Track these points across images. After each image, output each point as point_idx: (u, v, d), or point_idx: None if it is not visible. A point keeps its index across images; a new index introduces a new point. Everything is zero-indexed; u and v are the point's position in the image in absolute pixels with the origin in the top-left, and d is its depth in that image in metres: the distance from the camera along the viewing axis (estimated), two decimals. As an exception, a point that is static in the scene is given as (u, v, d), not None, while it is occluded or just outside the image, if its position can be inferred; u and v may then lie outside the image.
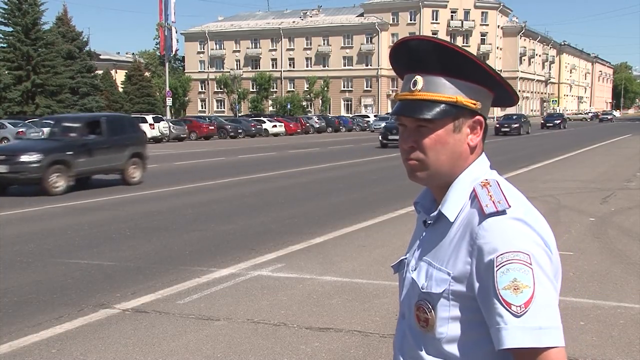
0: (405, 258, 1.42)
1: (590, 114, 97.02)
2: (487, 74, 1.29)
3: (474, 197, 1.26)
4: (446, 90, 1.28)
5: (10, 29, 48.14)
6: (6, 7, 47.63)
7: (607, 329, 4.66)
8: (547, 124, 55.91)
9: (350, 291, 5.69)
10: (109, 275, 6.37)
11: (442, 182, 1.32)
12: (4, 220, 9.82)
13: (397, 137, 13.12)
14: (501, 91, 1.34)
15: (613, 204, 10.72)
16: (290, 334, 4.63)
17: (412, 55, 1.30)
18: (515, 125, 41.66)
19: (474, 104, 1.29)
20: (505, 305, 1.14)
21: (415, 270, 1.33)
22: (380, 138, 29.37)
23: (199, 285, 5.94)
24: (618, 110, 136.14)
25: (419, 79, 1.29)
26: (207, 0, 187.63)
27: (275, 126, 48.58)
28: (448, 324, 1.24)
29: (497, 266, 1.16)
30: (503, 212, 1.20)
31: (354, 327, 4.74)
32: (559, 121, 56.64)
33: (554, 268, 1.22)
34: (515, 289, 1.14)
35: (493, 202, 1.22)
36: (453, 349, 1.24)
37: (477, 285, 1.20)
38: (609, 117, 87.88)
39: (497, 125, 41.22)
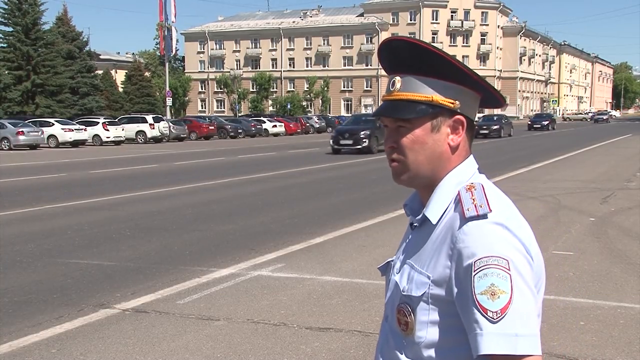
0: (392, 260, 1.41)
1: (590, 114, 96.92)
2: (462, 73, 1.28)
3: (458, 201, 1.24)
4: (422, 89, 1.27)
5: (10, 29, 48.19)
6: (6, 7, 47.67)
7: (607, 329, 4.65)
8: (534, 125, 52.07)
9: (350, 291, 5.69)
10: (109, 275, 6.37)
11: (425, 184, 1.31)
12: (4, 220, 9.82)
13: (349, 142, 16.62)
14: (485, 91, 1.33)
15: (613, 204, 10.72)
16: (290, 334, 4.63)
17: (392, 56, 1.31)
18: (495, 127, 39.06)
19: (452, 103, 1.27)
20: (482, 311, 1.12)
21: (398, 272, 1.32)
22: (331, 143, 25.30)
23: (199, 285, 5.94)
24: (618, 110, 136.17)
25: (397, 79, 1.29)
26: (207, 0, 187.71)
27: (275, 126, 48.58)
28: (427, 328, 1.22)
29: (474, 271, 1.14)
30: (484, 216, 1.18)
31: (354, 327, 4.74)
32: (546, 122, 52.71)
33: (535, 276, 1.19)
34: (492, 294, 1.12)
35: (475, 205, 1.20)
36: (431, 353, 1.22)
37: (455, 289, 1.18)
38: (605, 117, 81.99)
39: (476, 127, 39.81)
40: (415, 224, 1.34)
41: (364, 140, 24.48)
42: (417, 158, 1.27)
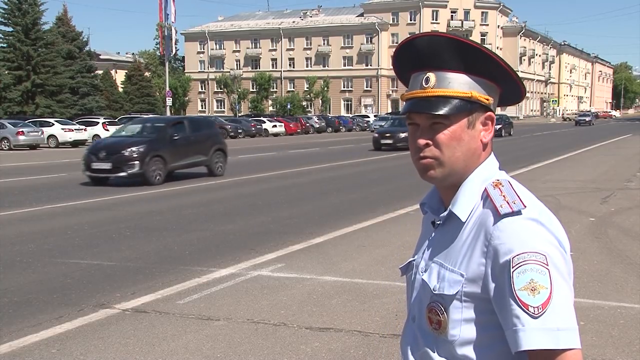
0: (414, 260, 1.39)
1: (589, 114, 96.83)
2: (502, 71, 1.28)
3: (486, 198, 1.25)
4: (460, 85, 1.26)
5: (10, 29, 48.21)
6: (6, 7, 47.68)
7: (607, 329, 4.65)
8: None
9: (350, 291, 5.69)
10: (109, 275, 6.37)
11: (454, 181, 1.30)
12: (4, 220, 9.82)
13: (106, 166, 12.35)
14: (510, 88, 1.33)
15: (613, 204, 10.72)
16: (290, 334, 4.63)
17: (423, 53, 1.29)
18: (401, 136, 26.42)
19: (487, 100, 1.29)
20: (523, 307, 1.13)
21: (425, 272, 1.31)
22: (82, 167, 15.07)
23: (199, 285, 5.94)
24: (618, 110, 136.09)
25: (432, 75, 1.27)
26: (207, 0, 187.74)
27: (275, 126, 48.62)
28: (461, 326, 1.23)
29: (513, 267, 1.15)
30: (518, 213, 1.19)
31: (354, 327, 4.73)
32: (498, 126, 36.66)
33: (568, 268, 1.20)
34: (532, 289, 1.13)
35: (507, 202, 1.20)
36: (466, 351, 1.22)
37: (492, 286, 1.18)
38: (587, 118, 68.30)
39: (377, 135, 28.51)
40: (438, 222, 1.33)
41: (133, 162, 14.51)
42: (453, 154, 1.27)
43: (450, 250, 1.27)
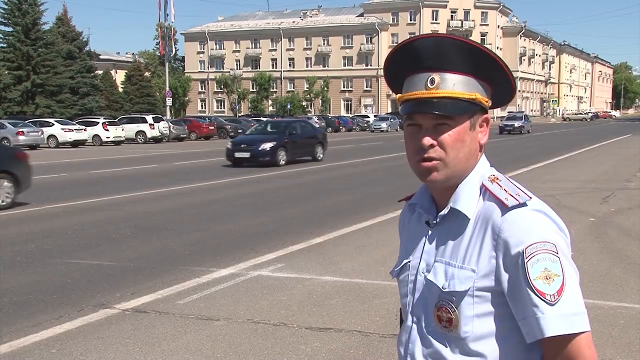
0: (409, 261, 1.38)
1: (590, 114, 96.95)
2: (504, 75, 1.31)
3: (485, 192, 1.28)
4: (465, 87, 1.28)
5: (10, 29, 48.23)
6: (6, 7, 47.70)
7: (607, 329, 4.66)
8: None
9: (350, 291, 5.69)
10: (109, 275, 6.37)
11: (454, 183, 1.31)
12: (4, 220, 9.82)
13: None
14: (503, 91, 1.35)
15: (613, 204, 10.72)
16: (290, 334, 4.63)
17: (426, 54, 1.28)
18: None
19: (487, 102, 1.31)
20: (540, 295, 1.17)
21: (429, 271, 1.31)
22: None
23: (199, 285, 5.94)
24: (618, 110, 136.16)
25: (437, 77, 1.27)
26: (207, 0, 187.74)
27: (275, 126, 48.53)
28: (473, 322, 1.25)
29: (527, 257, 1.18)
30: (524, 205, 1.23)
31: (354, 327, 4.73)
32: None
33: (570, 254, 1.25)
34: (547, 278, 1.17)
35: (511, 195, 1.24)
36: (479, 346, 1.24)
37: (504, 278, 1.21)
38: (518, 123, 45.23)
39: None
40: (434, 221, 1.34)
41: None
42: (457, 155, 1.28)
43: (455, 248, 1.28)
